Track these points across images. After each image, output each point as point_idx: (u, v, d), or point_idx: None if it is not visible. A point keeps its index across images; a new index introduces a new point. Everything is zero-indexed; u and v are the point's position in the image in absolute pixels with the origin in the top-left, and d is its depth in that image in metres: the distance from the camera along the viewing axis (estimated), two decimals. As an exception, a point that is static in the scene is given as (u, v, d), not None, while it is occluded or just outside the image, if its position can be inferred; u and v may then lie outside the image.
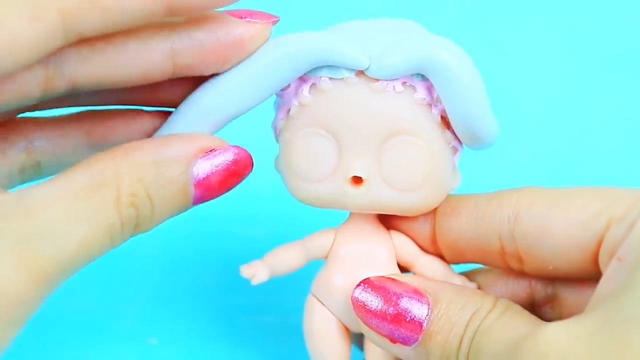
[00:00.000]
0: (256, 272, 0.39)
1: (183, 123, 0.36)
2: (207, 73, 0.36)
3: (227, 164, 0.35)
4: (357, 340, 0.40)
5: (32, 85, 0.34)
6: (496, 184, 0.39)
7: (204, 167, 0.34)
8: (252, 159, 0.36)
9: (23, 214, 0.31)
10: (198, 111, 0.36)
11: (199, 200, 0.35)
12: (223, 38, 0.35)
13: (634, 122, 0.55)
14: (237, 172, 0.35)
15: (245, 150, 0.35)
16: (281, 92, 0.37)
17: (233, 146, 0.35)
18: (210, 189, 0.35)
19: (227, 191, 0.35)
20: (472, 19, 0.60)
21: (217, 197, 0.35)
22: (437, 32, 0.38)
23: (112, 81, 0.35)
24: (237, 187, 0.41)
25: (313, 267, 0.40)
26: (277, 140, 0.39)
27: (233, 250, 0.49)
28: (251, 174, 0.41)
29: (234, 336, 0.46)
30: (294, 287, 0.41)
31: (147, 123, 0.39)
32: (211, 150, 0.35)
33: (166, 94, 0.38)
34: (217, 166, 0.35)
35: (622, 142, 0.54)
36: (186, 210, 0.35)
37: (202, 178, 0.34)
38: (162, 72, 0.36)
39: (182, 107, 0.37)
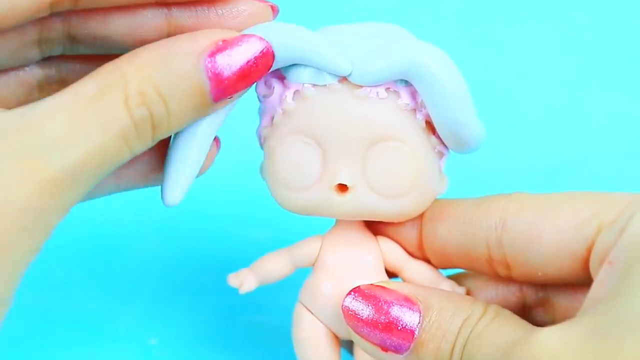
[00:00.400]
0: (244, 281, 0.39)
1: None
2: None
3: (243, 55, 0.34)
4: (347, 344, 0.40)
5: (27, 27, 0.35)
6: (487, 187, 0.39)
7: (218, 60, 0.33)
8: (272, 50, 0.34)
9: (26, 127, 0.31)
10: None
11: (219, 95, 0.33)
12: (220, 6, 0.35)
13: (629, 125, 0.55)
14: (255, 64, 0.34)
15: (265, 41, 0.34)
16: (264, 99, 0.37)
17: (249, 35, 0.34)
18: (227, 83, 0.33)
19: (247, 86, 0.34)
20: (472, 19, 0.60)
21: (237, 92, 0.34)
22: (437, 33, 0.37)
23: (103, 15, 0.35)
24: (236, 188, 0.41)
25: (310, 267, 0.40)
26: (261, 147, 0.38)
27: (233, 251, 0.49)
28: (250, 175, 0.41)
29: (233, 337, 0.46)
30: (293, 287, 0.41)
31: None
32: (224, 42, 0.33)
33: None
34: (232, 58, 0.33)
35: (617, 145, 0.54)
36: (210, 108, 0.34)
37: (216, 71, 0.33)
38: (157, 32, 0.35)
39: None
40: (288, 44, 0.35)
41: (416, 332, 0.35)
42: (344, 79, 0.36)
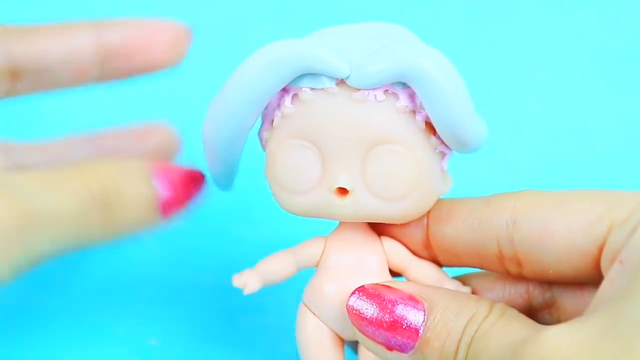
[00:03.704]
0: (248, 281, 0.39)
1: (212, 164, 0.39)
2: (133, 61, 0.40)
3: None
4: (352, 344, 0.40)
5: None
6: (493, 186, 0.39)
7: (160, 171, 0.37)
8: (202, 174, 0.39)
9: None
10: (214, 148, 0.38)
11: (165, 200, 0.37)
12: (146, 25, 0.40)
13: (634, 123, 0.55)
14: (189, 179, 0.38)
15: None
16: None
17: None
18: (168, 184, 0.37)
19: (188, 198, 0.38)
20: (472, 19, 0.60)
21: (180, 203, 0.38)
22: (437, 32, 0.37)
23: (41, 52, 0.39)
24: (237, 188, 0.41)
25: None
26: (263, 149, 0.38)
27: (233, 251, 0.49)
28: (251, 175, 0.41)
29: (233, 337, 0.46)
30: (294, 287, 0.41)
31: None
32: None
33: None
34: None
35: (623, 143, 0.54)
36: (155, 215, 0.37)
37: (160, 174, 0.37)
38: (88, 54, 0.39)
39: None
40: (285, 58, 0.35)
41: (421, 331, 0.35)
42: (342, 82, 0.36)
